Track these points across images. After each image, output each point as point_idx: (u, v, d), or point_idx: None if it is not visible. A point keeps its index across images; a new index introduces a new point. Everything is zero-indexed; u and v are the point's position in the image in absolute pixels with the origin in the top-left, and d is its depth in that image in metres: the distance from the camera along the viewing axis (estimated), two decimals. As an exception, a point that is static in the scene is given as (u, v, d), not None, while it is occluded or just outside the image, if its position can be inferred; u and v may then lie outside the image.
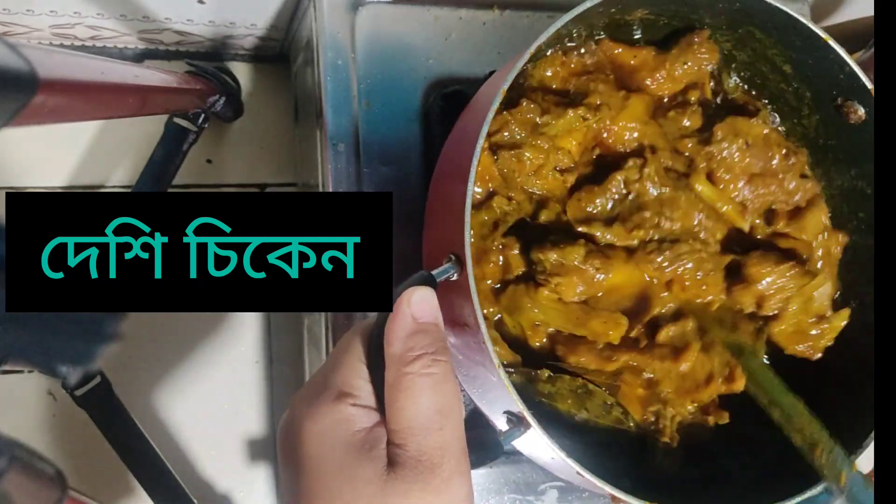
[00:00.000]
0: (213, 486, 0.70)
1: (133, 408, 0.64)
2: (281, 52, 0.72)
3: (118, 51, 0.70)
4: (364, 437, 0.32)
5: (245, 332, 0.72)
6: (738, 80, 0.51)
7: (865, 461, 0.63)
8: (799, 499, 0.41)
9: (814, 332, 0.47)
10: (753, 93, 0.51)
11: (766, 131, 0.48)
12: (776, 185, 0.48)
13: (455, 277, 0.38)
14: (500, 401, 0.39)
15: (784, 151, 0.48)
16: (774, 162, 0.48)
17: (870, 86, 0.44)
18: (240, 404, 0.72)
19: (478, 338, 0.37)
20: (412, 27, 0.56)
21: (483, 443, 0.38)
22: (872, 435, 0.42)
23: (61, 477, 0.33)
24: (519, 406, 0.37)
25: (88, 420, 0.62)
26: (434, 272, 0.37)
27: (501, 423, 0.41)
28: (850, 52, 0.46)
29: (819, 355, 0.47)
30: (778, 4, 0.43)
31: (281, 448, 0.36)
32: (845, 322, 0.47)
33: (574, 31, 0.46)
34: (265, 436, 0.72)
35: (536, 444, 0.39)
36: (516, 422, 0.39)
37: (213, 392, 0.71)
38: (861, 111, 0.46)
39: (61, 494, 0.33)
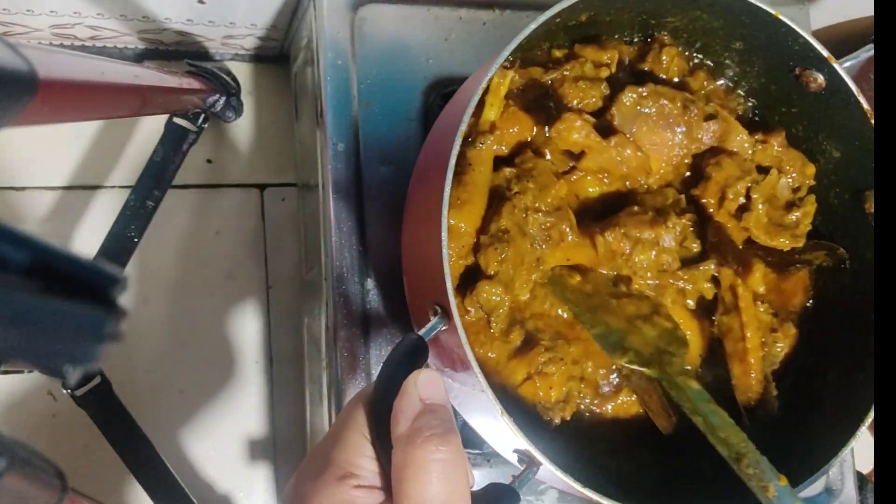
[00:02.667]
0: (214, 487, 0.70)
1: (133, 408, 0.64)
2: (281, 52, 0.72)
3: (118, 51, 0.70)
4: None
5: (245, 332, 0.72)
6: (696, 60, 0.52)
7: (865, 461, 0.63)
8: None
9: (791, 218, 0.49)
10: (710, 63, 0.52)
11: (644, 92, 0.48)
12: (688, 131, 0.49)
13: (444, 328, 0.38)
14: (507, 440, 0.39)
15: (680, 104, 0.48)
16: (675, 113, 0.49)
17: (825, 53, 0.45)
18: (240, 404, 0.72)
19: (474, 384, 0.37)
20: (412, 27, 0.56)
21: (498, 495, 0.37)
22: (869, 418, 0.42)
23: (61, 477, 0.33)
24: (526, 445, 0.36)
25: (88, 420, 0.62)
26: (422, 332, 0.37)
27: (512, 459, 0.41)
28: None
29: (803, 242, 0.49)
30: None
31: None
32: (815, 206, 0.49)
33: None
34: (265, 436, 0.72)
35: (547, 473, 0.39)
36: (528, 460, 0.38)
37: (213, 392, 0.71)
38: (820, 79, 0.46)
39: (61, 494, 0.33)
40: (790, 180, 0.50)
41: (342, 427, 0.34)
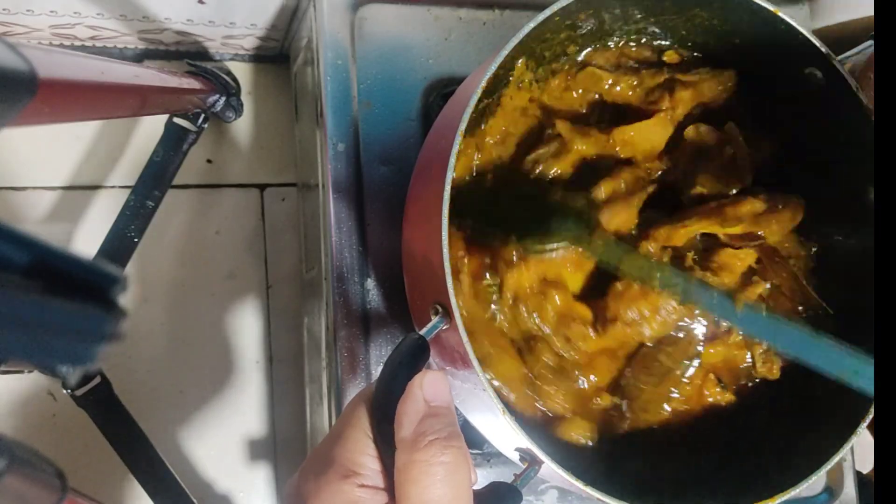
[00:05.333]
0: (213, 487, 0.70)
1: (133, 408, 0.64)
2: (281, 52, 0.72)
3: (118, 51, 0.70)
4: None
5: (245, 332, 0.72)
6: (688, 56, 0.52)
7: (865, 461, 0.63)
8: (784, 497, 0.41)
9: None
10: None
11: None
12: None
13: (446, 327, 0.38)
14: (509, 439, 0.39)
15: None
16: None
17: (825, 50, 0.45)
18: (240, 404, 0.72)
19: (475, 382, 0.37)
20: (412, 27, 0.56)
21: (501, 494, 0.37)
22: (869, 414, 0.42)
23: (61, 477, 0.33)
24: (528, 443, 0.36)
25: (88, 420, 0.62)
26: (423, 332, 0.37)
27: (514, 458, 0.41)
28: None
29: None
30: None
31: None
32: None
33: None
34: (265, 436, 0.72)
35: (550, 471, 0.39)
36: (529, 459, 0.38)
37: (213, 392, 0.71)
38: (819, 75, 0.46)
39: (61, 494, 0.33)
40: None
41: (345, 426, 0.34)
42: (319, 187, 0.56)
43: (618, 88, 0.49)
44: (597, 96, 0.50)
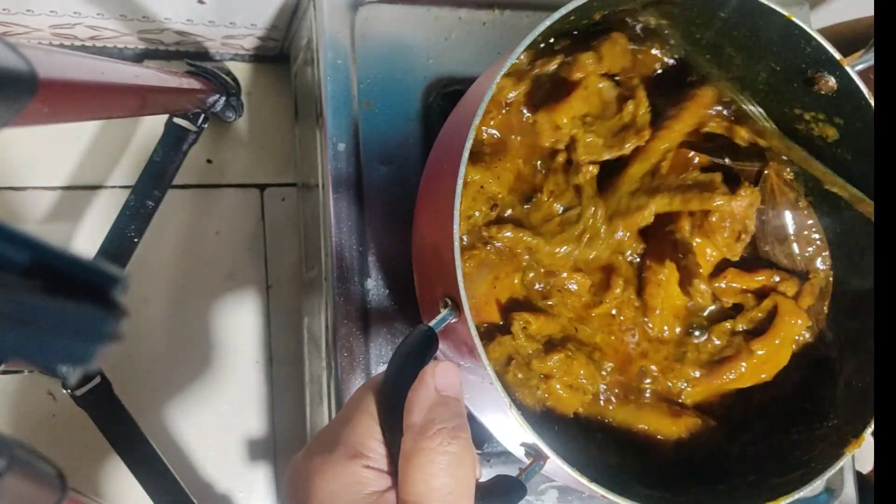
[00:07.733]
0: (213, 487, 0.70)
1: (133, 408, 0.64)
2: (281, 52, 0.72)
3: (118, 51, 0.70)
4: (375, 501, 0.32)
5: (245, 332, 0.72)
6: (706, 63, 0.51)
7: (865, 461, 0.63)
8: (789, 499, 0.41)
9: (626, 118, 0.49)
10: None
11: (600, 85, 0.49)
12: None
13: (454, 320, 0.38)
14: (515, 434, 0.39)
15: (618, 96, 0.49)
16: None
17: (838, 56, 0.44)
18: (240, 404, 0.72)
19: (483, 376, 0.37)
20: (412, 27, 0.56)
21: (506, 488, 0.37)
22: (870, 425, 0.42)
23: (61, 477, 0.33)
24: (534, 439, 0.36)
25: (88, 420, 0.62)
26: (432, 324, 0.37)
27: (520, 454, 0.41)
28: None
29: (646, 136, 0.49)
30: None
31: (289, 500, 0.35)
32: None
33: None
34: (265, 436, 0.72)
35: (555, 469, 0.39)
36: (535, 454, 0.39)
37: (214, 392, 0.71)
38: (832, 81, 0.46)
39: (61, 494, 0.33)
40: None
41: (353, 410, 0.35)
42: (319, 187, 0.56)
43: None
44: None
